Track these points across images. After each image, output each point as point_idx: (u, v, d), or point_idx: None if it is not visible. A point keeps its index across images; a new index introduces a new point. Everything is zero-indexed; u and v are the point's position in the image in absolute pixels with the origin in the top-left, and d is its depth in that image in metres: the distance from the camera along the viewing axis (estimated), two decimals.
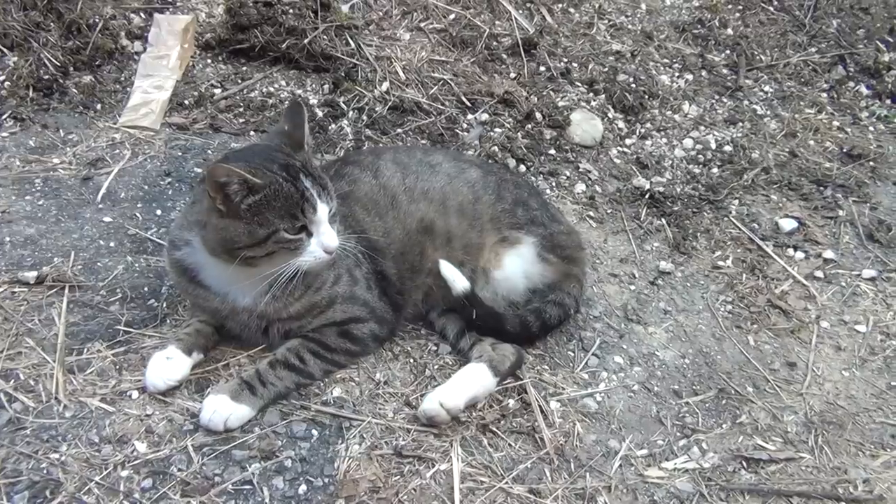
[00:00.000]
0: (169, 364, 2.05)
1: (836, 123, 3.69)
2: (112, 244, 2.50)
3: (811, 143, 3.54)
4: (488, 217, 2.39)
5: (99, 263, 2.42)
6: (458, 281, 2.25)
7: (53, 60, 3.21)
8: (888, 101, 3.90)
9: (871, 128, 3.72)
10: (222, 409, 1.96)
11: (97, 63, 3.33)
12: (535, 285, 2.41)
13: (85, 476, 1.82)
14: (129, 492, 1.80)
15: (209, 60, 3.49)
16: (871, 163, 3.43)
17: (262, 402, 2.02)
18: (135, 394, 2.03)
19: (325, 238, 1.98)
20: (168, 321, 2.26)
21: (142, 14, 3.55)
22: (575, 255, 2.48)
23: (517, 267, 2.37)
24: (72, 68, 3.27)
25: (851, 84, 3.97)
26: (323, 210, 1.97)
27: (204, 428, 1.95)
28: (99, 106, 3.17)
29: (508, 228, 2.39)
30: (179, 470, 1.86)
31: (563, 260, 2.42)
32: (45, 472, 1.81)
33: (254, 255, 1.95)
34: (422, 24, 3.76)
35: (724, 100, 3.75)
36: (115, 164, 2.85)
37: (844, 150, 3.50)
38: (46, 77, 3.17)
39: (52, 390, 1.99)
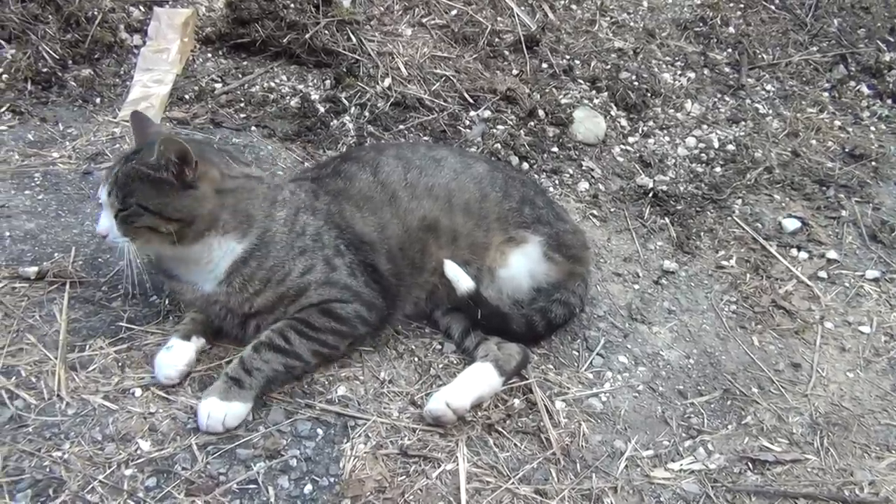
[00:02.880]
0: (171, 353, 2.04)
1: (837, 123, 3.69)
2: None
3: (813, 142, 3.53)
4: (495, 216, 2.35)
5: (100, 259, 2.39)
6: (462, 281, 2.23)
7: (52, 53, 3.18)
8: (889, 101, 3.91)
9: (872, 128, 3.72)
10: (215, 411, 1.92)
11: (96, 56, 3.29)
12: (539, 284, 2.39)
13: (88, 474, 1.79)
14: (133, 490, 1.78)
15: (209, 55, 3.46)
16: (874, 163, 3.43)
17: (253, 391, 1.97)
18: (138, 391, 2.01)
19: (98, 219, 2.05)
20: (171, 318, 2.23)
21: (141, 7, 3.52)
22: (580, 255, 2.47)
23: (523, 266, 2.35)
24: (70, 61, 3.23)
25: (853, 83, 3.96)
26: (103, 197, 2.01)
27: (205, 432, 1.93)
28: (98, 100, 3.14)
29: (515, 228, 2.36)
30: (184, 469, 1.84)
31: (569, 259, 2.40)
32: (47, 470, 1.79)
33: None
34: (424, 20, 3.74)
35: (727, 98, 3.74)
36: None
37: (846, 150, 3.49)
38: (45, 70, 3.14)
39: (54, 387, 1.96)
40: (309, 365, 2.11)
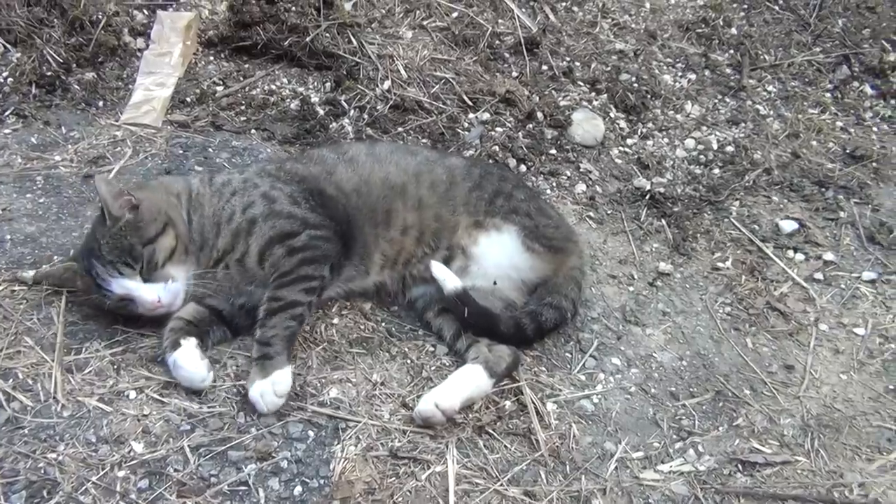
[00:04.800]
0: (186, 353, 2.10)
1: (839, 124, 3.67)
2: None
3: (814, 143, 3.52)
4: (462, 202, 2.47)
5: None
6: (449, 280, 2.27)
7: (56, 57, 3.23)
8: (893, 102, 3.88)
9: (874, 128, 3.70)
10: (265, 389, 2.03)
11: (100, 60, 3.34)
12: (526, 277, 2.44)
13: (82, 476, 1.83)
14: (125, 492, 1.81)
15: (211, 58, 3.50)
16: (874, 164, 3.41)
17: (283, 356, 2.07)
18: (132, 393, 2.04)
19: (140, 301, 2.12)
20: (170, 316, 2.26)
21: (145, 11, 3.56)
22: (562, 246, 2.50)
23: (498, 251, 2.40)
24: (74, 65, 3.28)
25: (856, 84, 3.94)
26: (119, 284, 2.10)
27: (269, 412, 2.03)
28: (101, 103, 3.18)
29: (485, 216, 2.45)
30: (176, 470, 1.87)
31: (550, 250, 2.44)
32: (42, 471, 1.83)
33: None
34: (424, 23, 3.76)
35: (727, 100, 3.74)
36: (117, 161, 2.86)
37: (847, 151, 3.48)
38: (49, 73, 3.18)
39: (51, 390, 2.01)
40: (310, 305, 2.22)
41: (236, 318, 2.27)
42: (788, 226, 3.02)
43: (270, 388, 2.03)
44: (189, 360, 2.05)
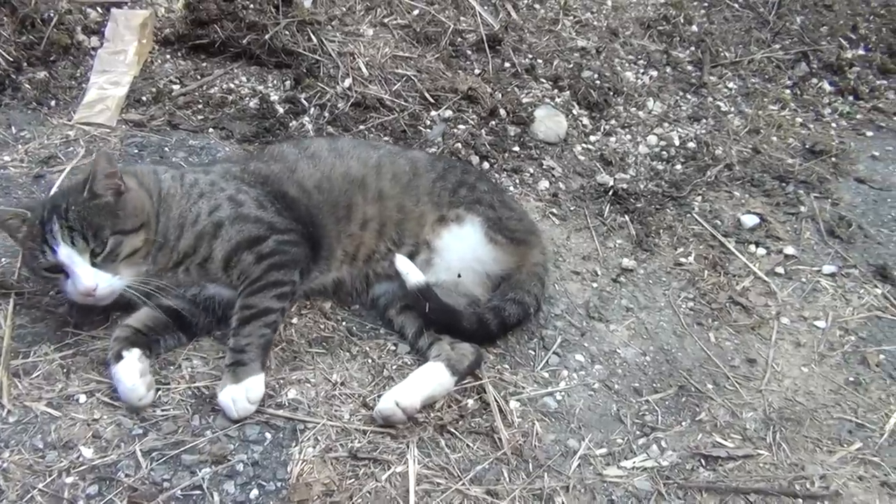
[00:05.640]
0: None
1: (799, 120, 3.71)
2: None
3: (774, 139, 3.55)
4: (426, 192, 2.45)
5: None
6: (412, 274, 2.25)
7: (6, 56, 3.15)
8: (850, 98, 3.94)
9: (833, 124, 3.74)
10: (237, 394, 1.99)
11: (52, 58, 3.26)
12: (490, 270, 2.42)
13: (28, 483, 1.77)
14: (73, 499, 1.76)
15: (168, 56, 3.43)
16: (833, 159, 3.45)
17: (256, 363, 2.04)
18: (82, 397, 1.98)
19: (76, 280, 1.99)
20: (119, 322, 2.20)
21: (98, 9, 3.48)
22: (525, 238, 2.49)
23: (461, 242, 2.38)
24: (25, 63, 3.20)
25: (815, 80, 3.99)
26: (65, 252, 1.97)
27: (240, 420, 1.98)
28: (53, 102, 3.10)
29: (449, 207, 2.44)
30: (127, 476, 1.82)
31: (512, 241, 2.43)
32: None
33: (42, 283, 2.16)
34: (385, 20, 3.72)
35: (689, 96, 3.76)
36: (69, 161, 2.79)
37: (807, 147, 3.51)
38: None
39: None
40: (283, 311, 2.19)
41: (195, 317, 2.21)
42: (750, 220, 3.04)
43: (243, 393, 1.98)
44: (128, 375, 1.96)
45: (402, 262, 2.28)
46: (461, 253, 2.38)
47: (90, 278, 1.98)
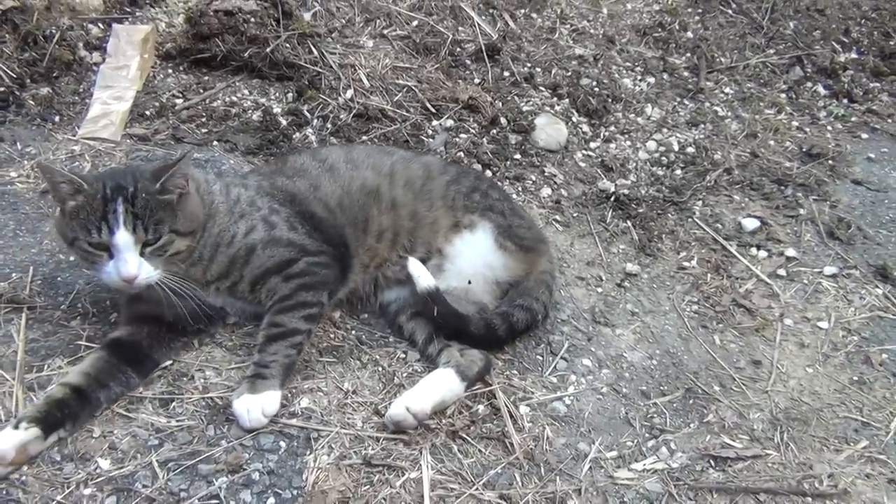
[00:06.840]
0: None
1: (795, 123, 3.75)
2: (72, 258, 2.45)
3: (771, 143, 3.59)
4: (440, 195, 2.48)
5: (59, 278, 2.37)
6: (423, 278, 2.28)
7: (9, 72, 3.16)
8: (845, 101, 3.99)
9: (829, 127, 3.79)
10: (252, 405, 2.00)
11: (55, 75, 3.28)
12: (499, 276, 2.45)
13: (46, 495, 1.78)
14: None
15: (170, 70, 3.45)
16: (830, 161, 3.49)
17: (276, 380, 2.06)
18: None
19: (121, 265, 1.97)
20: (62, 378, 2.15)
21: (100, 24, 3.51)
22: (534, 246, 2.52)
23: (473, 248, 2.41)
24: (28, 80, 3.22)
25: (809, 84, 4.04)
26: (123, 237, 1.96)
27: (252, 429, 2.00)
28: (57, 118, 3.12)
29: (463, 211, 2.47)
30: (144, 486, 1.83)
31: (521, 249, 2.46)
32: (3, 492, 1.77)
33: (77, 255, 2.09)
34: (385, 31, 3.75)
35: (686, 102, 3.80)
36: None
37: (804, 150, 3.56)
38: (2, 89, 3.12)
39: (12, 409, 1.95)
40: (309, 333, 2.21)
41: (181, 323, 2.17)
42: (750, 224, 3.07)
43: (259, 405, 2.00)
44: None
45: (414, 265, 2.31)
46: (472, 259, 2.41)
47: (136, 266, 1.98)
